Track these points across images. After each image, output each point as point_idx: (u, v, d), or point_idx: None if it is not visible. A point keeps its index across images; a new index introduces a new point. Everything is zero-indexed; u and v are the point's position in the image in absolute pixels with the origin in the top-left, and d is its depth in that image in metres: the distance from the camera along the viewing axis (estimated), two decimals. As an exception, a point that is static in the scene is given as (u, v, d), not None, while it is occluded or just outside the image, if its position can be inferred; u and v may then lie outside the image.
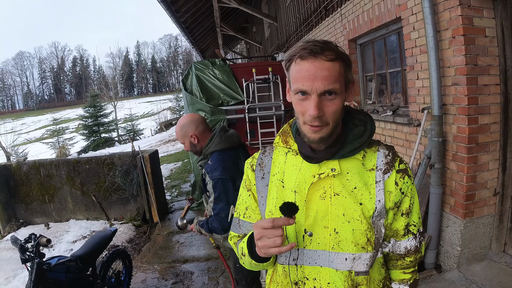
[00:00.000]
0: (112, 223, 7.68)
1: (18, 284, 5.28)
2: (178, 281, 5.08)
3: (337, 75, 1.22)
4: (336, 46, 1.25)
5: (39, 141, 40.71)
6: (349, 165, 1.37)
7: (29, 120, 69.70)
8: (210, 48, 21.92)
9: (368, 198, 1.34)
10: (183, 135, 3.09)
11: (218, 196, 2.88)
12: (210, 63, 8.20)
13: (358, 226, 1.32)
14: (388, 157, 1.39)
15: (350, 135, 1.37)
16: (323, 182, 1.36)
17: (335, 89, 1.21)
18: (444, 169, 3.89)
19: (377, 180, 1.36)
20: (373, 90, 5.84)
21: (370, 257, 1.35)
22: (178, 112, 39.72)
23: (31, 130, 56.28)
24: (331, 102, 1.23)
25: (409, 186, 1.39)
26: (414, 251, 1.46)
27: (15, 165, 8.22)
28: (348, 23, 5.90)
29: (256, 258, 1.41)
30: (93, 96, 30.48)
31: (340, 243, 1.34)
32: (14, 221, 8.21)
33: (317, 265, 1.38)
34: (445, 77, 3.69)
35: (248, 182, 1.58)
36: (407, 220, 1.42)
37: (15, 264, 5.97)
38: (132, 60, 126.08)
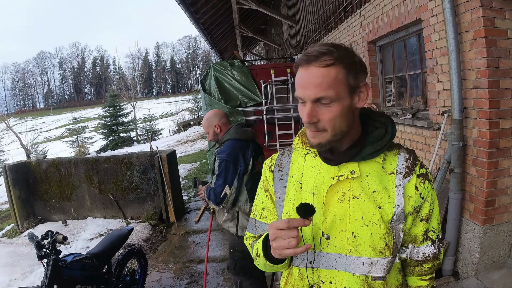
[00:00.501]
0: (129, 221, 7.74)
1: (34, 279, 5.35)
2: (193, 281, 5.09)
3: (331, 81, 1.20)
4: (341, 49, 1.23)
5: (58, 139, 41.37)
6: (368, 168, 1.35)
7: (49, 119, 70.92)
8: (229, 49, 21.98)
9: (387, 202, 1.31)
10: (208, 125, 3.68)
11: (220, 174, 3.38)
12: (228, 64, 8.22)
13: (377, 230, 1.30)
14: (409, 161, 1.37)
15: (370, 137, 1.35)
16: (342, 184, 1.33)
17: (328, 96, 1.20)
18: (464, 174, 3.81)
19: (397, 184, 1.33)
20: (393, 92, 5.77)
21: (387, 262, 1.32)
22: (197, 113, 39.96)
23: (51, 129, 57.23)
24: (327, 109, 1.23)
25: (429, 191, 1.36)
26: (432, 258, 1.43)
27: (35, 162, 8.33)
28: (367, 25, 5.84)
29: (270, 259, 1.39)
30: (113, 96, 30.86)
31: (358, 247, 1.31)
32: (32, 217, 8.33)
33: (334, 269, 1.35)
34: (466, 80, 3.61)
35: (266, 183, 1.57)
36: (426, 226, 1.39)
37: (32, 259, 6.05)
38: (152, 61, 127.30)
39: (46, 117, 75.65)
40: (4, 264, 6.18)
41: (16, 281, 5.46)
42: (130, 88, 40.15)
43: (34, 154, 25.61)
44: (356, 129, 1.35)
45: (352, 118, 1.29)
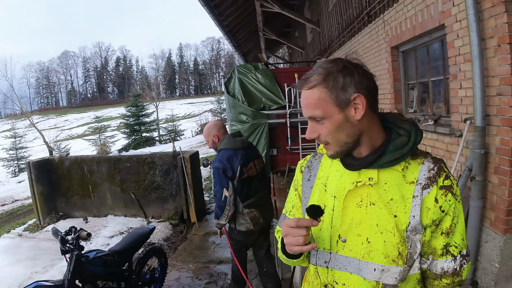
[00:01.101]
0: (150, 220, 7.84)
1: (55, 273, 5.46)
2: (212, 281, 5.14)
3: (314, 102, 1.31)
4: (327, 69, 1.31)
5: (80, 137, 42.05)
6: (388, 175, 1.36)
7: (72, 117, 72.15)
8: (252, 51, 22.05)
9: (402, 212, 1.32)
10: (208, 134, 4.17)
11: (216, 181, 3.94)
12: (252, 67, 8.29)
13: (390, 238, 1.31)
14: (432, 172, 1.35)
15: (391, 145, 1.36)
16: (361, 190, 1.37)
17: (316, 115, 1.32)
18: (485, 182, 3.76)
19: (414, 194, 1.32)
20: (415, 98, 5.72)
21: (400, 271, 1.33)
22: (219, 115, 40.19)
23: (73, 127, 58.17)
24: (321, 125, 1.34)
25: (451, 205, 1.34)
26: (451, 274, 1.40)
27: (58, 159, 8.51)
28: (390, 30, 5.81)
29: (286, 254, 1.49)
30: (136, 96, 31.19)
31: (371, 253, 1.33)
32: (54, 213, 8.51)
33: (347, 271, 1.39)
34: (489, 87, 3.57)
35: (296, 182, 1.64)
36: (447, 240, 1.37)
37: (53, 254, 6.18)
38: (175, 62, 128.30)
39: (68, 115, 77.00)
40: (25, 258, 6.32)
41: (37, 274, 5.58)
42: (153, 88, 40.61)
43: (56, 151, 26.10)
44: (377, 136, 1.38)
45: (355, 130, 1.33)
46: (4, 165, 26.64)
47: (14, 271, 5.79)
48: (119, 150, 26.09)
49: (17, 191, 15.93)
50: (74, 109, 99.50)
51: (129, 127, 30.18)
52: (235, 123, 8.26)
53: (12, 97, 32.16)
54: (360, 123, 1.32)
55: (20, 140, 28.44)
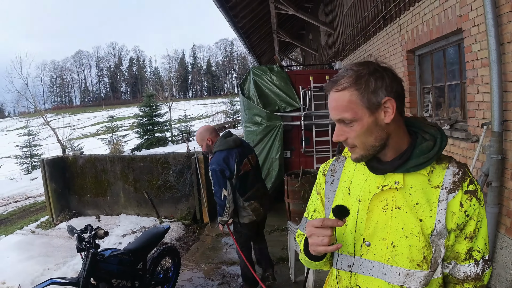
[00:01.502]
0: (162, 220, 7.88)
1: (67, 270, 5.51)
2: (224, 282, 5.16)
3: (345, 104, 1.31)
4: (358, 71, 1.32)
5: (93, 136, 42.39)
6: (413, 180, 1.37)
7: (85, 116, 72.76)
8: (266, 53, 22.06)
9: (428, 216, 1.33)
10: (201, 139, 4.50)
11: (214, 182, 4.28)
12: (268, 69, 8.31)
13: (416, 242, 1.32)
14: (457, 176, 1.36)
15: (417, 149, 1.37)
16: (386, 194, 1.38)
17: (346, 117, 1.32)
18: (501, 188, 3.73)
19: (440, 199, 1.33)
20: (431, 102, 5.69)
21: (424, 275, 1.33)
22: (232, 116, 40.19)
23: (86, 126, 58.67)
24: (349, 128, 1.34)
25: (476, 209, 1.34)
26: (474, 278, 1.39)
27: (72, 158, 8.61)
28: (406, 34, 5.79)
29: (309, 256, 1.49)
30: (149, 96, 31.29)
31: (396, 257, 1.34)
32: (67, 211, 8.61)
33: (371, 275, 1.39)
34: (507, 92, 3.54)
35: (319, 186, 1.66)
36: (470, 244, 1.37)
37: (65, 251, 6.25)
38: (188, 63, 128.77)
39: (82, 114, 77.65)
40: (38, 254, 6.40)
41: (50, 271, 5.64)
42: (166, 88, 40.74)
43: (69, 150, 26.33)
44: (402, 140, 1.39)
45: (383, 133, 1.35)
46: (18, 162, 26.89)
47: (27, 267, 5.87)
48: (132, 150, 26.21)
49: (30, 188, 16.13)
50: (87, 108, 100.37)
51: (142, 127, 30.28)
52: (249, 125, 8.28)
53: (26, 95, 32.48)
54: (388, 127, 1.34)
55: (33, 138, 28.71)
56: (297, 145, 8.50)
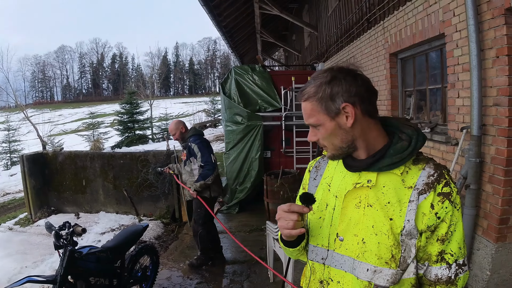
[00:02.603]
0: (141, 218, 7.83)
1: (45, 268, 5.43)
2: (203, 281, 5.14)
3: (309, 112, 1.42)
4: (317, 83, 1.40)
5: (74, 132, 41.80)
6: (386, 179, 1.39)
7: (66, 112, 71.67)
8: (249, 53, 22.09)
9: (398, 215, 1.34)
10: (176, 128, 5.40)
11: (203, 151, 5.24)
12: (249, 69, 8.31)
13: (385, 240, 1.34)
14: (431, 178, 1.36)
15: (391, 149, 1.39)
16: (360, 191, 1.41)
17: (312, 122, 1.43)
18: (479, 190, 3.81)
19: (411, 199, 1.34)
20: (412, 106, 5.77)
21: (392, 274, 1.34)
22: (213, 115, 40.08)
23: (67, 122, 57.81)
24: (318, 131, 1.43)
25: (448, 212, 1.34)
26: (445, 282, 1.39)
27: (51, 154, 8.49)
28: (390, 37, 5.86)
29: (283, 241, 1.56)
30: (130, 93, 31.11)
31: (365, 253, 1.36)
32: (45, 208, 8.48)
33: (342, 269, 1.43)
34: (487, 97, 3.62)
35: (304, 181, 1.72)
36: (442, 247, 1.37)
37: (43, 249, 6.16)
38: (170, 61, 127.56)
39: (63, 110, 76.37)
40: (16, 252, 6.30)
41: (27, 269, 5.55)
42: (148, 86, 40.51)
43: (50, 146, 25.91)
44: (376, 140, 1.42)
45: (348, 136, 1.40)
46: (-3, 158, 26.44)
47: (4, 265, 5.77)
48: (112, 147, 25.98)
49: (9, 185, 15.87)
50: (68, 104, 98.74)
51: (122, 124, 30.06)
52: (230, 124, 8.27)
53: (7, 90, 31.90)
54: (353, 130, 1.39)
55: (13, 133, 28.28)
56: (277, 145, 8.53)
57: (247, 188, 8.13)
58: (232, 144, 8.24)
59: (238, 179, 8.23)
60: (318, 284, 1.51)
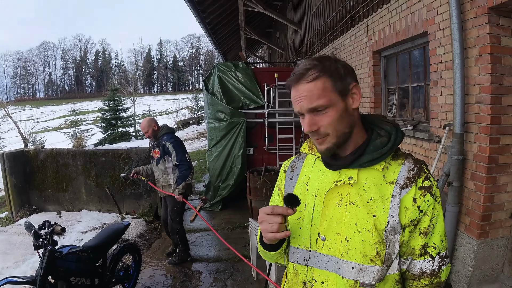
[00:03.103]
0: (124, 216, 7.75)
1: (26, 269, 5.33)
2: (186, 279, 5.11)
3: (319, 92, 1.30)
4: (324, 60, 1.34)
5: (57, 130, 41.27)
6: (368, 175, 1.38)
7: (49, 109, 70.77)
8: (232, 50, 22.05)
9: (381, 211, 1.33)
10: (149, 125, 5.37)
11: (178, 150, 5.31)
12: (233, 65, 8.27)
13: (369, 237, 1.33)
14: (412, 172, 1.36)
15: (371, 145, 1.38)
16: (341, 189, 1.39)
17: (319, 105, 1.31)
18: (461, 187, 3.85)
19: (393, 194, 1.34)
20: (395, 103, 5.81)
21: (378, 271, 1.34)
22: (196, 112, 39.93)
23: (49, 119, 57.09)
24: (324, 115, 1.32)
25: (430, 205, 1.35)
26: (429, 274, 1.40)
27: (33, 151, 8.34)
28: (373, 35, 5.89)
29: (264, 245, 1.50)
30: (113, 90, 30.77)
31: (349, 252, 1.34)
32: (27, 206, 8.33)
33: (326, 270, 1.40)
34: (469, 95, 3.66)
35: (280, 182, 1.66)
36: (425, 240, 1.37)
37: (24, 249, 6.05)
38: (154, 57, 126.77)
39: (45, 107, 75.44)
40: (-4, 252, 6.17)
41: (8, 270, 5.44)
42: (131, 83, 40.19)
43: (31, 143, 25.55)
44: (359, 135, 1.41)
45: (351, 119, 1.37)
46: (-23, 156, 25.93)
47: (-17, 266, 5.66)
48: (95, 144, 25.68)
49: (-12, 183, 15.57)
50: (51, 101, 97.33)
51: (105, 121, 29.72)
52: (212, 121, 8.23)
53: (-12, 86, 31.35)
54: (354, 113, 1.37)
55: (-6, 131, 27.81)
56: (260, 142, 8.52)
57: (230, 185, 8.11)
58: (215, 141, 8.20)
59: (221, 176, 8.19)
60: (302, 285, 1.48)
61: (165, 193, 5.49)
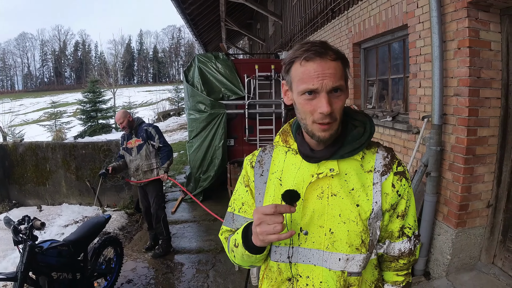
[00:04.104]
0: (105, 209, 7.68)
1: (7, 265, 5.23)
2: (168, 271, 5.10)
3: (341, 73, 1.28)
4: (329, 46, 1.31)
5: (36, 123, 40.49)
6: (348, 166, 1.39)
7: (28, 102, 69.30)
8: (213, 41, 21.90)
9: (365, 200, 1.35)
10: (124, 116, 5.36)
11: (160, 134, 5.56)
12: (213, 57, 8.22)
13: (354, 227, 1.34)
14: (387, 159, 1.41)
15: (349, 136, 1.38)
16: (321, 182, 1.38)
17: (341, 85, 1.27)
18: (439, 178, 3.92)
19: (374, 181, 1.37)
20: (374, 95, 5.87)
21: (363, 258, 1.36)
22: (177, 103, 39.63)
23: (28, 112, 55.98)
24: (337, 98, 1.28)
25: (405, 189, 1.41)
26: (408, 254, 1.48)
27: (11, 145, 8.19)
28: (353, 27, 5.92)
29: (250, 249, 1.38)
30: (93, 82, 30.27)
31: (335, 243, 1.35)
32: (7, 201, 8.19)
33: (311, 264, 1.39)
34: (448, 87, 3.72)
35: (246, 178, 1.59)
36: (402, 222, 1.44)
37: (5, 244, 5.95)
38: (134, 49, 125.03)
39: (24, 100, 73.83)
40: (-24, 248, 6.07)
41: (-12, 266, 5.37)
42: (111, 74, 39.73)
43: (10, 137, 25.03)
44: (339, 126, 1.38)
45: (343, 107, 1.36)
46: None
47: (-38, 263, 5.56)
48: (75, 137, 25.29)
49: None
50: (30, 93, 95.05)
51: (85, 114, 29.24)
52: (193, 112, 8.17)
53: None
54: None
55: (-28, 124, 27.14)
56: (241, 133, 8.51)
57: (210, 177, 8.07)
58: (195, 133, 8.15)
59: (201, 167, 8.16)
60: (287, 282, 1.46)
61: (148, 180, 5.48)
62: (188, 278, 4.91)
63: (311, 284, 1.40)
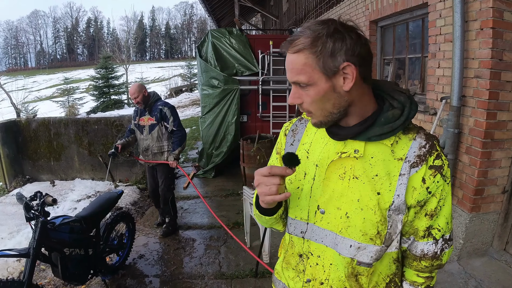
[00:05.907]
0: (117, 184, 7.72)
1: (21, 239, 5.29)
2: (180, 247, 5.12)
3: (300, 67, 1.19)
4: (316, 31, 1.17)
5: (49, 99, 40.72)
6: (375, 149, 1.27)
7: (41, 78, 69.69)
8: (226, 17, 21.67)
9: (387, 190, 1.24)
10: (139, 91, 5.09)
11: (175, 116, 5.28)
12: (227, 32, 8.15)
13: (371, 216, 1.25)
14: (423, 149, 1.24)
15: (382, 117, 1.25)
16: (345, 162, 1.29)
17: (300, 81, 1.20)
18: (456, 161, 3.85)
19: (401, 172, 1.24)
20: (390, 74, 5.76)
21: (376, 250, 1.28)
22: (189, 79, 39.64)
23: (42, 88, 56.33)
24: (305, 92, 1.22)
25: (439, 186, 1.26)
26: (431, 257, 1.35)
27: (25, 121, 8.23)
28: (371, 4, 5.78)
29: (259, 209, 1.42)
30: (106, 58, 30.32)
31: (349, 229, 1.28)
32: (20, 177, 8.27)
33: (323, 244, 1.34)
34: (468, 68, 3.61)
35: (279, 145, 1.57)
36: (430, 222, 1.30)
37: (19, 219, 6.00)
38: (146, 25, 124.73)
39: (37, 77, 74.17)
40: (-10, 223, 6.13)
41: (3, 241, 5.41)
42: (124, 51, 39.64)
43: (24, 113, 25.18)
44: (367, 107, 1.27)
45: (342, 101, 1.22)
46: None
47: (-23, 238, 5.61)
48: (88, 112, 25.42)
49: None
50: (43, 70, 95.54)
51: (98, 89, 29.39)
52: (206, 88, 8.13)
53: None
54: (349, 94, 1.21)
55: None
56: (254, 109, 8.47)
57: (223, 153, 8.08)
58: (208, 108, 8.11)
59: (214, 143, 8.15)
60: (297, 257, 1.44)
61: (157, 162, 5.37)
62: (200, 254, 4.92)
63: (321, 264, 1.37)
